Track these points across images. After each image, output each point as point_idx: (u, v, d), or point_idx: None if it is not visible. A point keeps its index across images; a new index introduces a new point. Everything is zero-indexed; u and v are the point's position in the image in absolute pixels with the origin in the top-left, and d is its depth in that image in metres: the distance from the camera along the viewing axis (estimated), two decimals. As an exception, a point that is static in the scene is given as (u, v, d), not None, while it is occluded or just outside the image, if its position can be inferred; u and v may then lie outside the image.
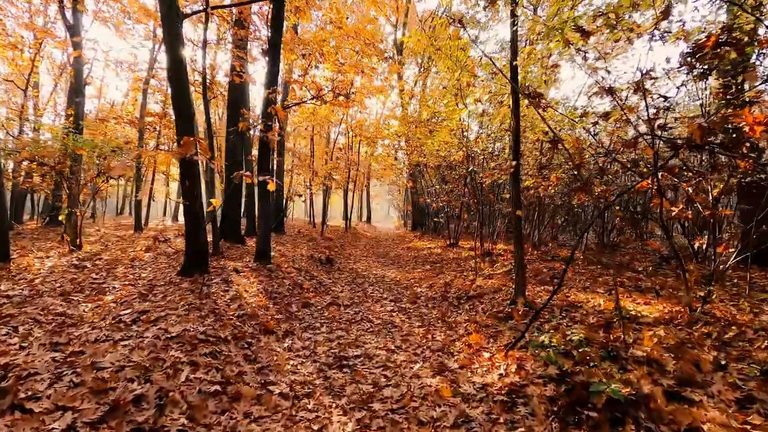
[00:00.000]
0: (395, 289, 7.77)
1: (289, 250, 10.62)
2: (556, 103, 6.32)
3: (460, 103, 8.14)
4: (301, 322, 5.46)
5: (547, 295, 5.68)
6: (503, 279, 6.98)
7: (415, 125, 13.03)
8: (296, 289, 6.86)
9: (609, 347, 3.55)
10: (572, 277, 6.77)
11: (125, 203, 30.42)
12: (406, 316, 5.92)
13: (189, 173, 6.17)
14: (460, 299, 6.35)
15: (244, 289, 6.02)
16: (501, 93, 6.10)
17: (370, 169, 27.47)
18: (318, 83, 11.34)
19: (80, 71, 11.84)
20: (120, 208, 30.94)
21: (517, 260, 5.35)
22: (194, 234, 6.33)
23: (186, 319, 4.42)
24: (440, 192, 12.86)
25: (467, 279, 7.64)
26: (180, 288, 5.67)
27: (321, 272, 8.88)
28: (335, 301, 6.66)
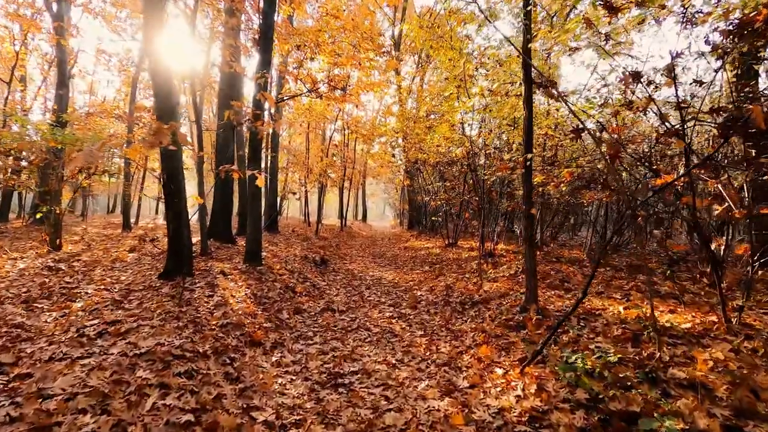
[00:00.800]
0: (394, 293, 7.27)
1: (282, 251, 10.08)
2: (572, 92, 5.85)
3: (462, 96, 7.64)
4: (292, 330, 4.93)
5: (560, 301, 5.20)
6: (509, 282, 6.50)
7: (414, 121, 12.52)
8: (288, 293, 6.34)
9: (644, 366, 3.06)
10: (582, 280, 6.29)
11: (116, 201, 29.66)
12: (406, 323, 5.42)
13: (169, 167, 5.62)
14: (465, 304, 5.85)
15: (231, 294, 5.49)
16: (510, 82, 5.62)
17: (366, 167, 26.95)
18: (313, 76, 10.81)
19: (64, 62, 11.22)
20: (111, 206, 30.21)
21: (528, 264, 4.86)
22: (176, 234, 5.78)
23: (161, 331, 3.89)
24: (439, 190, 12.37)
25: (470, 282, 7.14)
26: (159, 293, 5.13)
27: (315, 274, 8.36)
28: (330, 306, 6.14)
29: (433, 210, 15.43)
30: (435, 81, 17.97)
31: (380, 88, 16.61)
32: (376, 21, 19.68)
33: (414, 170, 16.34)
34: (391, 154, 16.39)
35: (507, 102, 6.17)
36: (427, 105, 14.34)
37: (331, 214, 38.77)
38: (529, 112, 4.82)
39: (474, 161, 8.50)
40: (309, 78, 10.68)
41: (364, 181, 29.14)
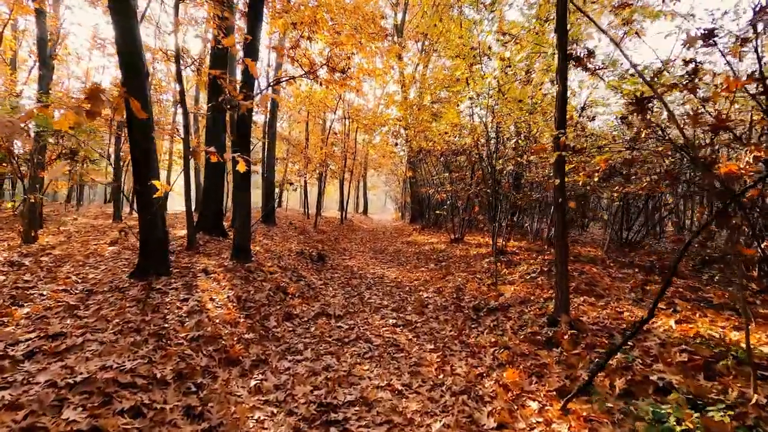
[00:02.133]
0: (397, 294, 6.47)
1: (277, 245, 9.28)
2: (612, 64, 4.98)
3: (476, 74, 6.78)
4: (279, 342, 4.14)
5: (593, 310, 4.40)
6: (528, 286, 5.70)
7: (418, 108, 11.65)
8: (278, 294, 5.54)
9: (740, 416, 2.26)
10: (610, 284, 5.49)
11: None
12: (412, 332, 4.62)
13: (139, 148, 4.80)
14: (479, 310, 5.06)
15: (210, 298, 4.69)
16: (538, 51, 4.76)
17: (368, 159, 26.07)
18: (311, 58, 9.94)
19: (44, 40, 10.32)
20: (109, 195, 29.38)
21: (559, 266, 4.06)
22: (148, 226, 4.97)
23: (111, 348, 3.09)
24: (444, 181, 11.53)
25: (482, 283, 6.34)
26: (124, 297, 4.34)
27: (311, 271, 7.56)
28: (325, 310, 5.35)
29: (437, 203, 14.62)
30: (439, 68, 17.05)
31: (382, 75, 15.74)
32: (379, 6, 18.69)
33: (417, 161, 15.49)
34: (394, 143, 15.50)
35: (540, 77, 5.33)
36: (431, 92, 13.45)
37: (332, 207, 37.93)
38: (563, 85, 3.98)
39: (487, 149, 7.66)
40: (306, 60, 9.81)
41: (365, 173, 28.26)
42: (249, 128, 6.48)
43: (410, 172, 16.60)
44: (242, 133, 6.40)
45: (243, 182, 6.44)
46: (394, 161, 23.01)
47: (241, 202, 6.40)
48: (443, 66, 17.42)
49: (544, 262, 6.96)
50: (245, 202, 6.43)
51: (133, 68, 4.69)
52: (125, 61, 4.65)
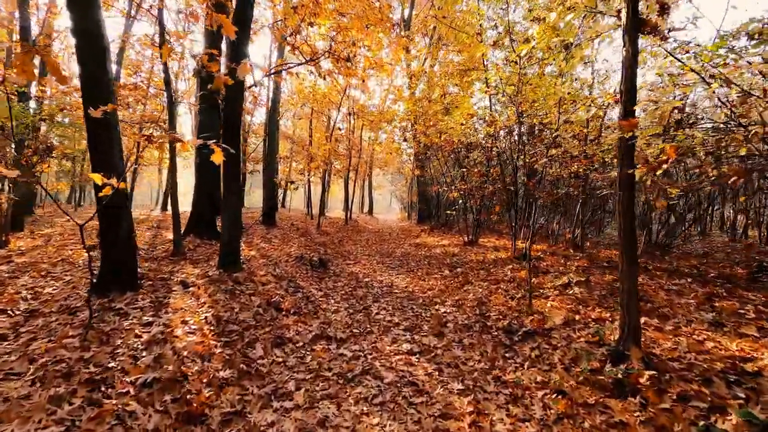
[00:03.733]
0: (409, 308, 5.51)
1: (275, 249, 8.35)
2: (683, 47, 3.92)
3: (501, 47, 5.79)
4: (263, 381, 3.19)
5: (664, 339, 3.40)
6: (567, 301, 4.70)
7: (428, 100, 10.67)
8: (269, 311, 4.59)
9: None
10: (668, 298, 4.50)
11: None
12: (433, 363, 3.65)
13: (98, 135, 3.88)
14: (512, 333, 4.07)
15: (182, 320, 3.75)
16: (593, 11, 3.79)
17: (373, 157, 25.11)
18: (313, 46, 9.02)
19: (26, 29, 9.47)
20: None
21: (626, 284, 3.07)
22: (111, 231, 4.05)
23: (15, 411, 2.16)
24: (455, 179, 10.53)
25: (508, 295, 5.36)
26: (72, 321, 3.42)
27: (310, 280, 6.61)
28: (325, 330, 4.40)
29: (448, 202, 13.62)
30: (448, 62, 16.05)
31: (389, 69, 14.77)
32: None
33: (425, 159, 14.50)
34: (402, 138, 14.52)
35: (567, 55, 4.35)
36: (441, 86, 12.47)
37: (337, 206, 37.00)
38: (633, 47, 3.00)
39: (510, 141, 6.68)
40: (308, 48, 8.89)
41: (370, 172, 27.29)
42: (238, 117, 5.53)
43: (418, 170, 15.62)
44: (230, 123, 5.46)
45: (232, 180, 5.50)
46: (401, 159, 22.04)
47: (230, 203, 5.46)
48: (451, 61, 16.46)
49: (579, 271, 5.97)
50: (234, 203, 5.49)
51: (88, 37, 3.75)
52: (77, 29, 3.72)
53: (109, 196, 3.56)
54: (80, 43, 3.68)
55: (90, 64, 3.76)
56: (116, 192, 3.86)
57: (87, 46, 3.75)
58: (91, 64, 3.76)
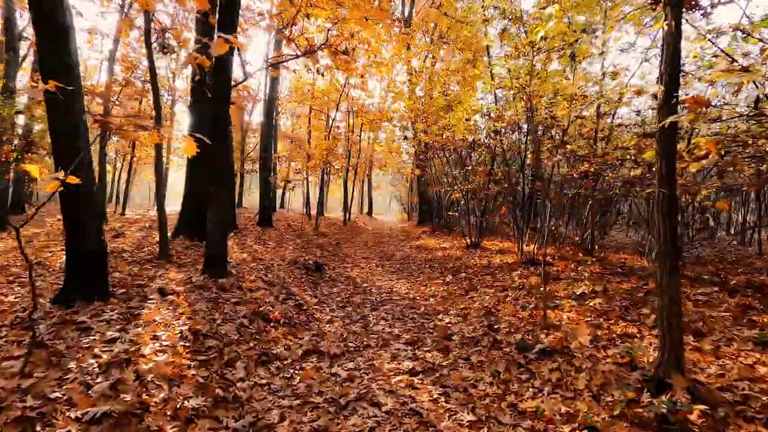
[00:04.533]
0: (411, 317, 5.04)
1: (268, 251, 7.88)
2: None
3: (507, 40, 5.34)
4: (239, 410, 2.72)
5: (706, 362, 2.94)
6: (586, 313, 4.23)
7: (430, 96, 10.22)
8: (256, 323, 4.12)
9: None
10: (698, 311, 4.03)
11: (113, 191, 27.50)
12: (438, 386, 3.18)
13: (60, 125, 3.41)
14: (526, 350, 3.60)
15: (153, 335, 3.27)
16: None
17: (372, 158, 24.64)
18: (310, 39, 8.58)
19: (11, 20, 9.01)
20: (108, 195, 28.10)
21: (665, 300, 2.61)
22: (75, 233, 3.58)
23: None
24: (457, 179, 10.05)
25: (518, 304, 4.89)
26: (21, 337, 2.94)
27: (304, 286, 6.14)
28: (317, 345, 3.92)
29: (449, 203, 13.17)
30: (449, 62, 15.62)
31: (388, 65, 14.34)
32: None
33: (426, 159, 14.03)
34: (403, 136, 14.07)
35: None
36: (441, 84, 12.01)
37: (336, 207, 36.49)
38: (677, 22, 2.54)
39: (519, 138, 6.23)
40: (305, 41, 8.44)
41: (370, 173, 26.81)
42: (225, 111, 5.06)
43: (418, 170, 15.15)
44: (218, 114, 4.99)
45: (219, 178, 5.03)
46: (401, 159, 21.58)
47: (216, 203, 4.99)
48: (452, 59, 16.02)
49: (593, 277, 5.50)
50: (221, 203, 5.01)
51: (46, 9, 3.28)
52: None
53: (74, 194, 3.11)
54: (36, 18, 3.21)
55: (46, 40, 3.28)
56: (85, 193, 3.40)
57: (43, 22, 3.27)
58: (46, 41, 3.28)
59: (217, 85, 4.85)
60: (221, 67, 4.85)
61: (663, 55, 2.62)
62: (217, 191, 4.98)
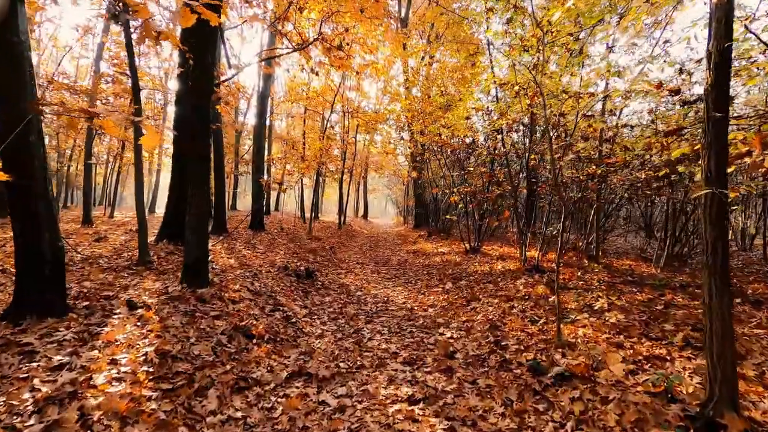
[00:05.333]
0: (408, 331, 4.58)
1: (257, 257, 7.40)
2: None
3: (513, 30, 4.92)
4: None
5: (756, 392, 2.50)
6: (603, 327, 3.80)
7: (428, 95, 9.81)
8: (236, 340, 3.64)
9: None
10: (741, 332, 3.60)
11: (104, 193, 26.79)
12: (442, 418, 2.72)
13: (8, 117, 2.93)
14: (541, 373, 3.15)
15: (111, 358, 2.80)
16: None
17: (368, 161, 24.21)
18: (303, 34, 8.16)
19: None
20: (99, 197, 27.41)
21: (717, 324, 2.17)
22: (28, 239, 3.10)
23: None
24: (457, 181, 9.63)
25: (526, 317, 4.45)
26: (-53, 365, 2.46)
27: (294, 295, 5.66)
28: (304, 367, 3.45)
29: (447, 206, 12.75)
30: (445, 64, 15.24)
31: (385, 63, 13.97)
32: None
33: (423, 161, 13.60)
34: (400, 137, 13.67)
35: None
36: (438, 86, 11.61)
37: (331, 210, 36.01)
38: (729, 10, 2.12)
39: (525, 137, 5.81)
40: (297, 36, 8.02)
41: (365, 176, 26.38)
42: (205, 103, 4.59)
43: (414, 172, 14.74)
44: (198, 108, 4.52)
45: (198, 178, 4.56)
46: (397, 162, 21.19)
47: (195, 205, 4.51)
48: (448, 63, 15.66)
49: (604, 287, 5.08)
50: (200, 205, 4.53)
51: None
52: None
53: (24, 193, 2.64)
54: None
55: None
56: (36, 196, 2.93)
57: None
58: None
59: (196, 75, 4.39)
60: (201, 55, 4.40)
61: (710, 32, 2.20)
62: (197, 193, 4.51)
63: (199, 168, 4.53)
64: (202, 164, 4.53)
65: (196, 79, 4.43)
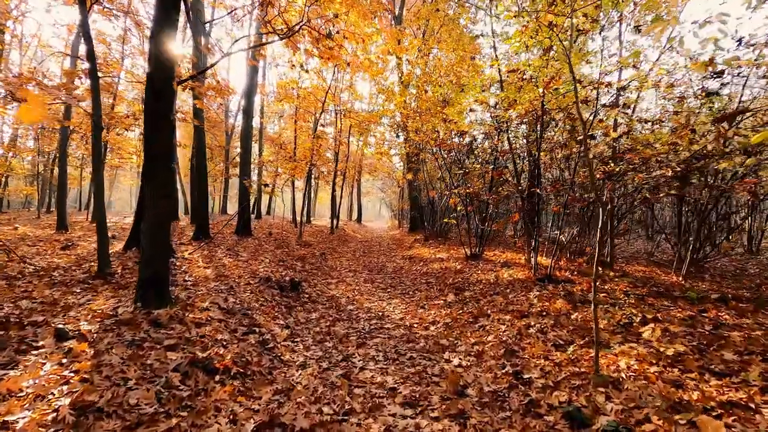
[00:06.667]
0: (408, 358, 3.81)
1: (239, 266, 6.60)
2: None
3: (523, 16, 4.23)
4: None
5: None
6: (648, 356, 3.06)
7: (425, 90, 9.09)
8: (192, 378, 2.85)
9: None
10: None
11: (90, 197, 25.69)
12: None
13: None
14: (582, 427, 2.40)
15: (1, 420, 2.00)
16: None
17: (362, 163, 23.46)
18: (289, 21, 7.41)
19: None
20: (86, 202, 26.31)
21: None
22: None
23: None
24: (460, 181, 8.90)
25: (548, 340, 3.71)
26: None
27: (275, 311, 4.87)
28: (277, 414, 2.67)
29: (444, 210, 12.02)
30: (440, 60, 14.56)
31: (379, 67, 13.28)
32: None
33: (418, 161, 12.86)
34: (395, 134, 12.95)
35: None
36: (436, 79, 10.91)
37: (325, 214, 35.15)
38: None
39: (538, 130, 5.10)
40: (283, 22, 7.25)
41: (359, 178, 25.61)
42: (164, 84, 3.80)
43: (409, 174, 14.00)
44: (155, 92, 3.73)
45: (156, 179, 3.76)
46: (391, 163, 20.48)
47: (153, 211, 3.72)
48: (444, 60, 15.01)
49: (632, 301, 4.35)
50: (159, 210, 3.74)
51: None
52: None
53: None
54: None
55: None
56: None
57: None
58: None
59: (151, 56, 3.62)
60: (158, 29, 3.62)
61: None
62: (154, 196, 3.72)
63: (157, 166, 3.75)
64: (159, 162, 3.74)
65: (152, 57, 3.66)
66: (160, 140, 3.71)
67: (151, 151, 3.72)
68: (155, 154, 3.72)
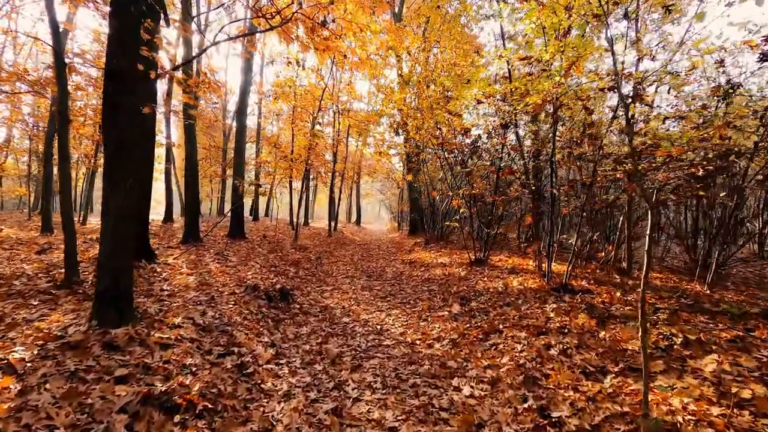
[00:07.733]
0: (410, 385, 3.23)
1: (226, 272, 6.01)
2: None
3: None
4: None
5: None
6: (705, 390, 2.48)
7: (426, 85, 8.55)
8: (143, 420, 2.27)
9: None
10: None
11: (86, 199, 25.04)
12: None
13: None
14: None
15: None
16: None
17: (361, 164, 22.88)
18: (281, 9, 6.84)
19: None
20: (83, 203, 25.65)
21: None
22: None
23: None
24: (458, 182, 8.34)
25: (575, 365, 3.13)
26: None
27: (260, 326, 4.28)
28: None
29: (446, 212, 11.45)
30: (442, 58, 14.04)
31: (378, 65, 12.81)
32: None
33: (418, 162, 12.29)
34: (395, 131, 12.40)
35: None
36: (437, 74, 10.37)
37: (324, 216, 34.54)
38: None
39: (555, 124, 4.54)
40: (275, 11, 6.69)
41: (358, 180, 25.03)
42: (125, 60, 3.22)
43: (410, 175, 13.43)
44: (118, 76, 3.16)
45: (118, 172, 3.19)
46: (391, 164, 19.92)
47: (113, 208, 3.14)
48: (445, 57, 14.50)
49: (665, 316, 3.77)
50: (120, 207, 3.15)
51: None
52: None
53: None
54: None
55: None
56: None
57: None
58: None
59: (111, 20, 3.05)
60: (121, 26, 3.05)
61: None
62: (115, 192, 3.14)
63: (119, 157, 3.17)
64: (122, 153, 3.16)
65: (112, 26, 3.08)
66: (120, 125, 3.13)
67: (110, 139, 3.14)
68: (116, 143, 3.14)
